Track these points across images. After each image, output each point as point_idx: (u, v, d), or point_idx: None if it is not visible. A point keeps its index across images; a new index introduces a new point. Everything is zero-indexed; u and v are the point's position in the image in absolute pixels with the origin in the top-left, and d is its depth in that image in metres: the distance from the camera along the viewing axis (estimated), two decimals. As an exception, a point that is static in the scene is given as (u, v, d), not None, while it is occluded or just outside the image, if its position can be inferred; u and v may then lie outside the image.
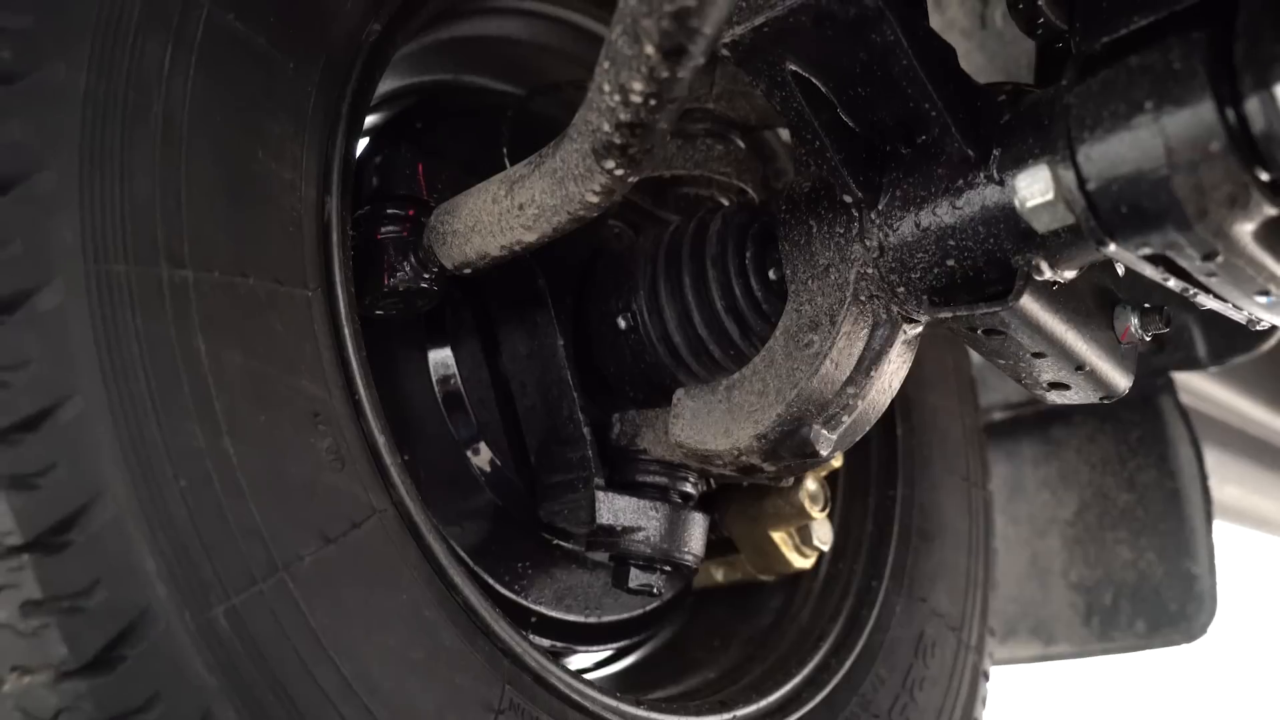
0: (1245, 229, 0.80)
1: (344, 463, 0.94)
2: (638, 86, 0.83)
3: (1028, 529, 2.11)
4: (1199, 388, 2.68)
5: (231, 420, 0.85)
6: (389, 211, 1.13)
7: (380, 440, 0.99)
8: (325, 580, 0.88)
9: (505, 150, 1.31)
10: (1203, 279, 0.87)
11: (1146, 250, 0.84)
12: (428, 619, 0.96)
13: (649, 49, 0.80)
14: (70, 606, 0.77)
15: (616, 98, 0.85)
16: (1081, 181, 0.83)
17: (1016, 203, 0.89)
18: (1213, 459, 2.86)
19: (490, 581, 1.23)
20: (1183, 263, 0.84)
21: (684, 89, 0.84)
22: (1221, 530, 3.26)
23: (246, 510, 0.84)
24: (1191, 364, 1.99)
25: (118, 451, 0.79)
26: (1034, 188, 0.87)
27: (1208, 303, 0.94)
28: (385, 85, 1.30)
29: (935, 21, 2.04)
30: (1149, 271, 0.89)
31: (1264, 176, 0.78)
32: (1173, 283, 0.91)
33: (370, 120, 1.42)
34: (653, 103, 0.84)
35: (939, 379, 1.68)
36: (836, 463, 1.46)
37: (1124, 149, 0.80)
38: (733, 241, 1.20)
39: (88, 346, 0.80)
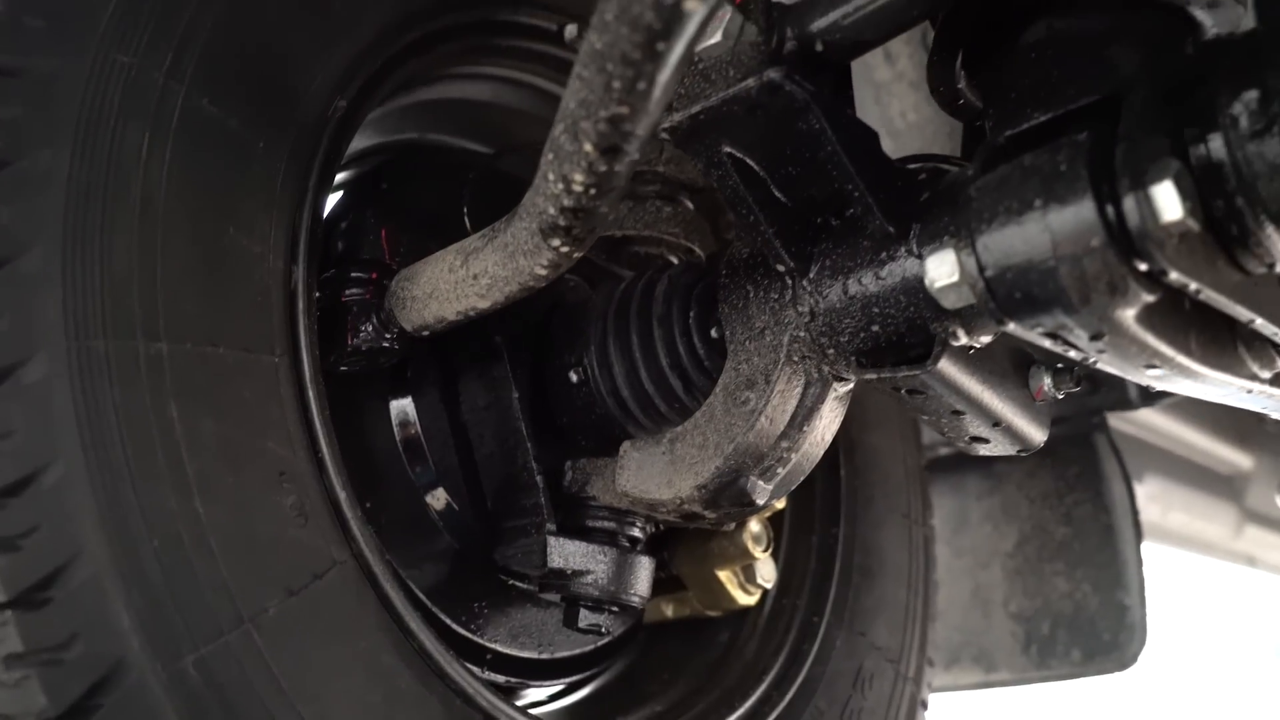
0: (1127, 314, 0.88)
1: (307, 518, 1.01)
2: (578, 178, 0.91)
3: (971, 560, 2.19)
4: (1145, 419, 2.79)
5: (202, 482, 0.92)
6: (353, 275, 1.20)
7: (341, 495, 1.05)
8: (288, 630, 0.94)
9: (466, 210, 1.39)
10: (1094, 355, 0.95)
11: (1040, 330, 0.93)
12: (385, 664, 1.02)
13: (588, 147, 0.87)
14: (50, 659, 0.84)
15: (560, 186, 0.93)
16: (981, 268, 0.91)
17: (926, 282, 0.97)
18: (1159, 487, 2.97)
19: (447, 621, 1.29)
20: (1073, 341, 0.93)
21: (622, 179, 0.92)
22: (1171, 556, 3.36)
23: (215, 567, 0.91)
24: (1124, 405, 2.08)
25: (95, 515, 0.86)
26: (941, 270, 0.95)
27: (1107, 369, 1.03)
28: (354, 144, 1.37)
29: (885, 74, 2.14)
30: (1047, 344, 0.98)
31: (1142, 267, 0.87)
32: (1072, 353, 0.99)
33: (340, 177, 1.49)
34: (593, 192, 0.92)
35: (881, 421, 1.76)
36: (779, 505, 1.54)
37: (1016, 242, 0.88)
38: (678, 302, 1.28)
39: (68, 417, 0.87)
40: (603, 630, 1.30)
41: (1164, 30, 1.04)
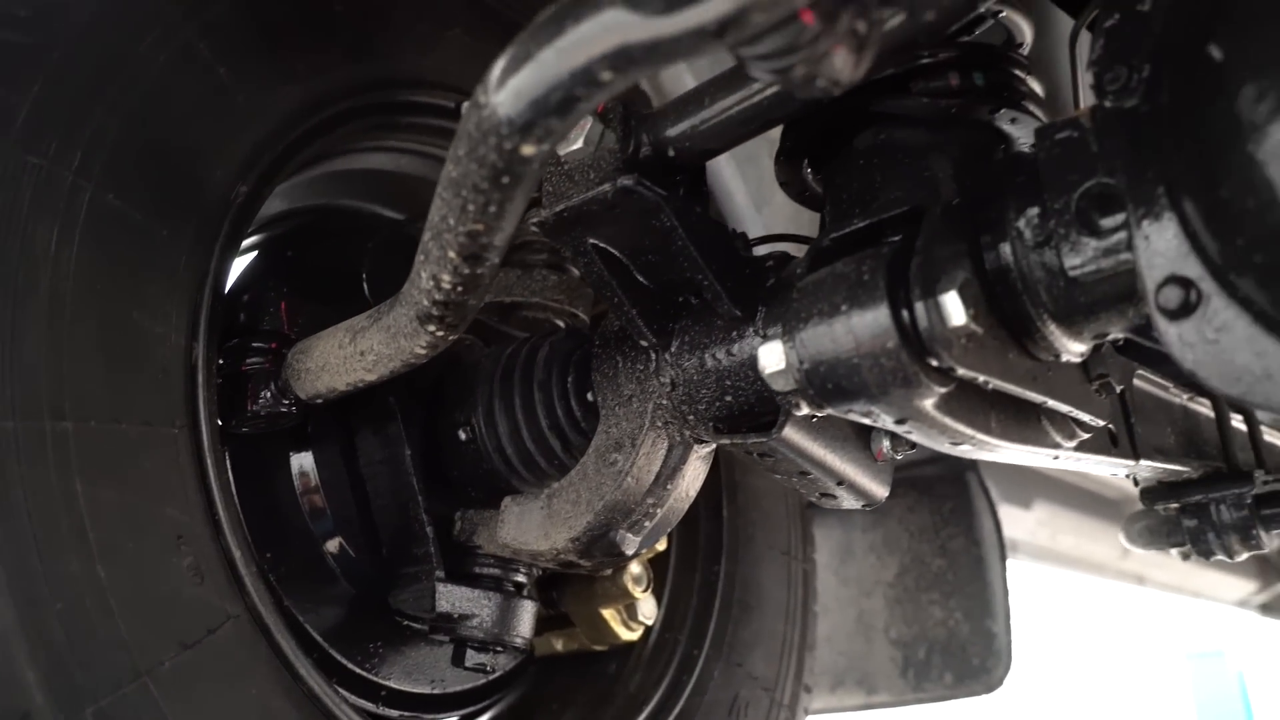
0: (925, 403, 1.02)
1: (203, 577, 1.11)
2: (446, 279, 1.02)
3: (855, 589, 2.33)
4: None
5: (103, 549, 1.02)
6: (254, 345, 1.30)
7: (236, 554, 1.16)
8: (183, 682, 1.04)
9: (365, 277, 1.50)
10: (903, 434, 1.09)
11: (852, 413, 1.06)
12: (275, 708, 1.13)
13: (451, 254, 0.99)
14: (-40, 713, 0.93)
15: (431, 284, 1.04)
16: (800, 361, 1.04)
17: (759, 367, 1.10)
18: (1048, 513, 3.13)
19: (344, 662, 1.40)
20: (882, 424, 1.06)
21: (487, 278, 1.04)
22: (1063, 577, 3.54)
23: (114, 626, 1.01)
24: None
25: (4, 581, 0.95)
26: (770, 359, 1.07)
27: (920, 442, 1.16)
28: (265, 209, 1.47)
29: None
30: (865, 422, 1.11)
31: (934, 364, 1.00)
32: (891, 427, 1.13)
33: (251, 240, 1.59)
34: (460, 289, 1.04)
35: (764, 464, 1.89)
36: (661, 546, 1.66)
37: (826, 341, 1.01)
38: (557, 367, 1.40)
39: (-23, 494, 0.96)
40: (488, 669, 1.41)
41: (980, 142, 1.18)
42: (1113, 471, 1.44)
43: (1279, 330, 0.88)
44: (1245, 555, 1.70)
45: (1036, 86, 1.21)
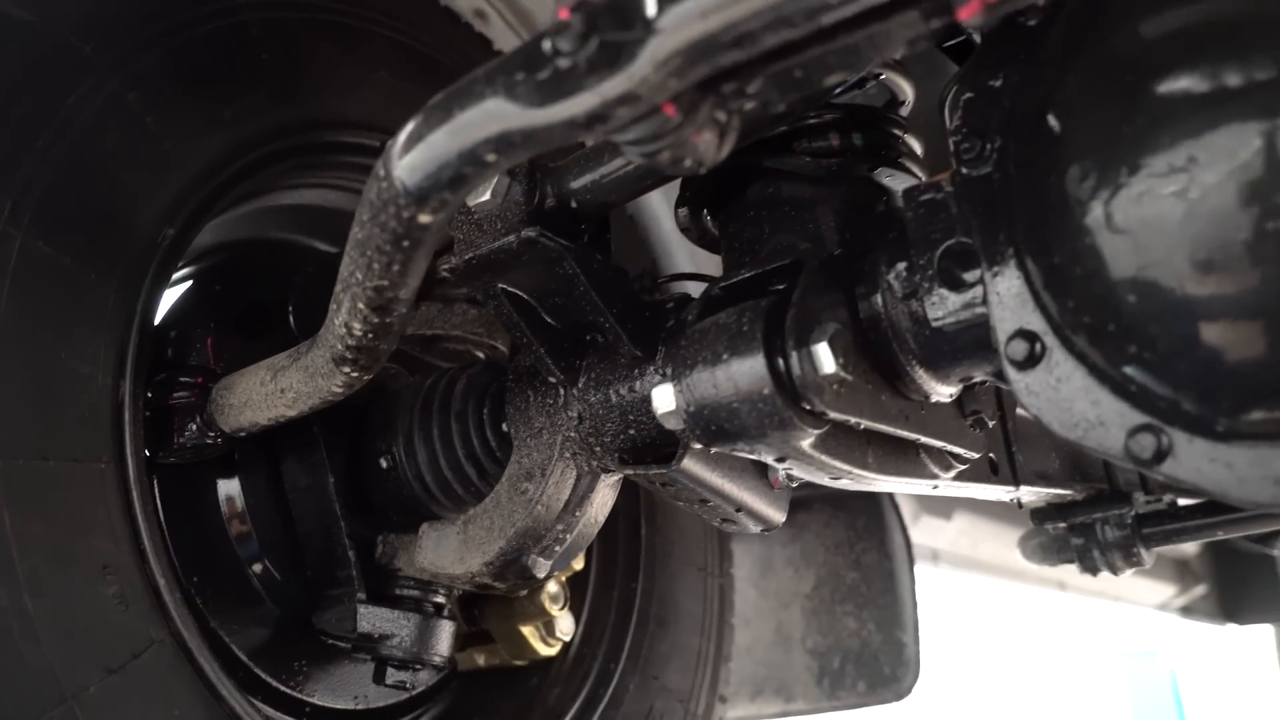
0: (802, 443, 1.10)
1: (128, 604, 1.17)
2: (358, 327, 1.10)
3: (775, 602, 2.43)
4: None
5: (31, 581, 1.08)
6: (180, 380, 1.37)
7: (161, 582, 1.22)
8: (108, 705, 1.11)
9: (291, 310, 1.56)
10: (784, 470, 1.17)
11: (736, 451, 1.14)
12: (197, 728, 1.19)
13: (361, 305, 1.06)
14: (-109, 739, 0.99)
15: (344, 330, 1.12)
16: (687, 404, 1.12)
17: (653, 408, 1.18)
18: (968, 523, 3.25)
19: (268, 680, 1.46)
20: (766, 460, 1.15)
21: (396, 325, 1.11)
22: (984, 584, 3.66)
23: (41, 653, 1.07)
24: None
25: (-66, 613, 1.02)
26: (662, 401, 1.15)
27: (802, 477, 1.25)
28: (197, 241, 1.52)
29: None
30: (750, 456, 1.19)
31: (808, 407, 1.08)
32: (773, 464, 1.21)
33: (181, 273, 1.65)
34: (370, 336, 1.11)
35: (682, 484, 1.98)
36: (578, 565, 1.74)
37: (708, 386, 1.09)
38: (474, 400, 1.48)
39: (-90, 531, 1.02)
40: (408, 685, 1.49)
41: (861, 196, 1.27)
42: (995, 497, 1.54)
43: (1110, 383, 0.97)
44: (1129, 571, 1.82)
45: (915, 145, 1.31)
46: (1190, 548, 4.64)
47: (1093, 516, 1.75)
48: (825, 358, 1.06)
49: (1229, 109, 0.85)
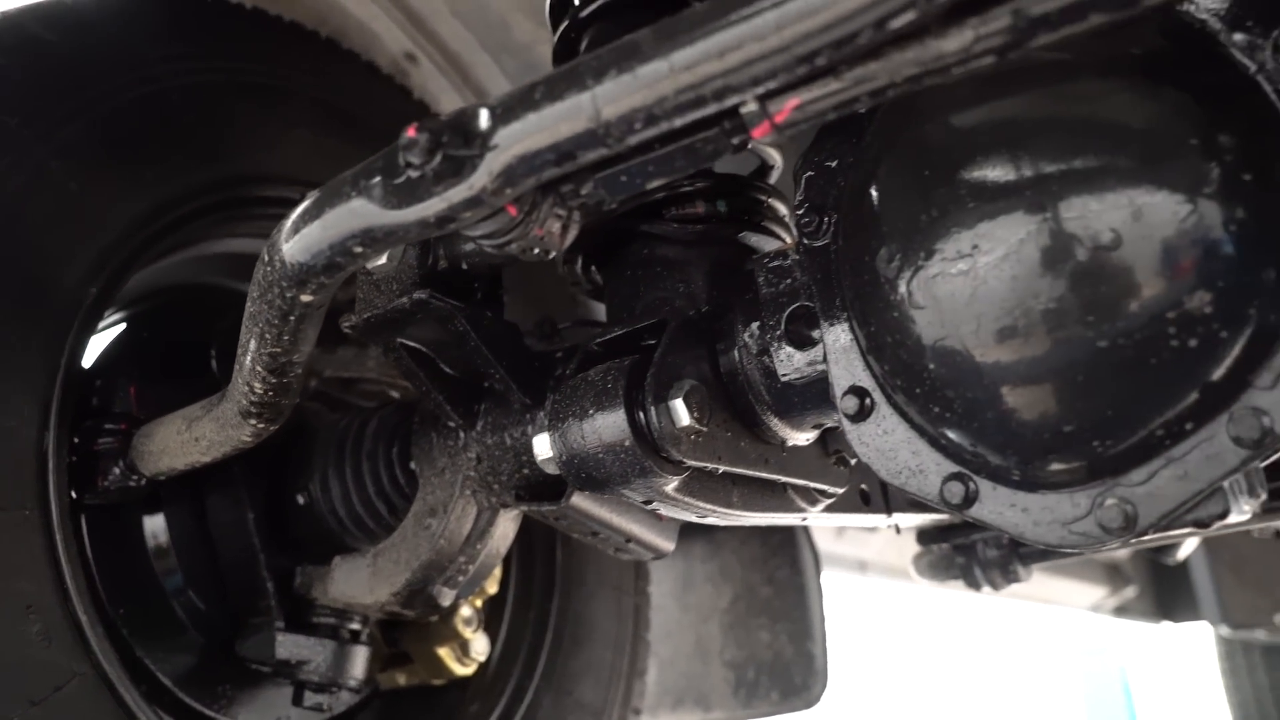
0: (665, 487, 1.22)
1: (51, 640, 1.27)
2: (258, 386, 1.20)
3: (694, 616, 2.55)
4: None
5: (-43, 623, 1.18)
6: (105, 427, 1.46)
7: (83, 618, 1.32)
8: (30, 735, 1.21)
9: (214, 355, 1.66)
10: (651, 510, 1.29)
11: (609, 493, 1.26)
12: (117, 754, 1.30)
13: (260, 368, 1.17)
14: None
15: (247, 388, 1.22)
16: (561, 452, 1.24)
17: (535, 454, 1.29)
18: (895, 534, 3.35)
19: (193, 704, 1.56)
20: (636, 502, 1.26)
21: (295, 384, 1.22)
22: (923, 591, 3.78)
23: (-33, 689, 1.17)
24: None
25: None
26: (541, 448, 1.27)
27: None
28: (126, 287, 1.62)
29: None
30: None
31: (666, 456, 1.20)
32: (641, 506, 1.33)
33: (111, 318, 1.74)
34: (271, 394, 1.22)
35: (597, 509, 2.09)
36: (492, 590, 1.85)
37: (579, 438, 1.21)
38: (383, 440, 1.58)
39: None
40: (324, 707, 1.59)
41: (729, 256, 1.39)
42: (870, 525, 1.66)
43: (927, 436, 1.09)
44: (1007, 587, 1.95)
45: (780, 208, 1.42)
46: (1122, 551, 4.80)
47: (972, 537, 1.88)
48: (681, 412, 1.17)
49: (1004, 203, 0.97)
